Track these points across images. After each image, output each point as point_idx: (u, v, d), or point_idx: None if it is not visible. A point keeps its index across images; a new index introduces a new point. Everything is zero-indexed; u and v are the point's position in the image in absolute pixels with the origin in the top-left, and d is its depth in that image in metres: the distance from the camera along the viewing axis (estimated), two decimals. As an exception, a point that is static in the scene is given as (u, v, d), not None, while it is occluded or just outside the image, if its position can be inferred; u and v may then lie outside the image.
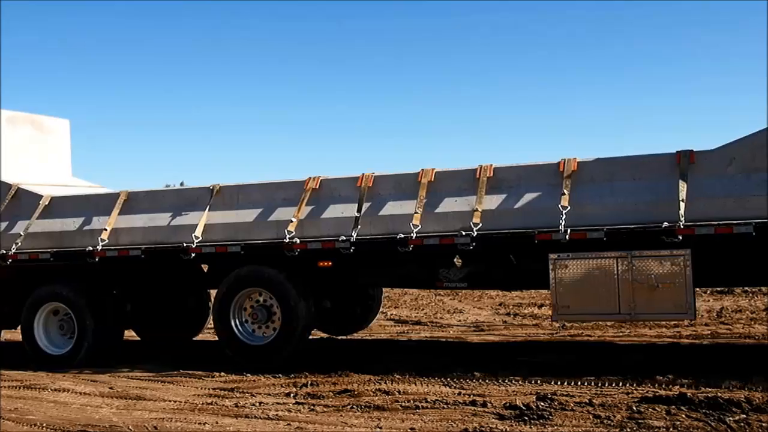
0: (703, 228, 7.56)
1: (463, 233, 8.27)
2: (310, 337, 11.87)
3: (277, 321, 9.24)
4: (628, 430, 5.88)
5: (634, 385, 7.29)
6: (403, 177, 8.97)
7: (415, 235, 8.43)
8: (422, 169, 8.83)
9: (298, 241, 8.92)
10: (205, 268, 10.41)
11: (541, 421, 6.22)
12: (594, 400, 6.70)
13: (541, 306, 14.53)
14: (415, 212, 8.52)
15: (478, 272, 8.91)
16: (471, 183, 8.59)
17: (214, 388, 8.17)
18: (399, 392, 7.42)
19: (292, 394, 7.70)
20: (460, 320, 13.50)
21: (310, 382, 8.12)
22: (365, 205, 8.87)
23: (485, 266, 8.87)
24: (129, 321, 10.66)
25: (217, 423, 6.70)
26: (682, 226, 7.53)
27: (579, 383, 7.47)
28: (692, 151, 7.92)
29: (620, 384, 7.36)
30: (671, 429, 5.82)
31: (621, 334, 11.02)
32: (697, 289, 15.50)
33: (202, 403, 7.48)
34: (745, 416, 6.05)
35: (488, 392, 7.34)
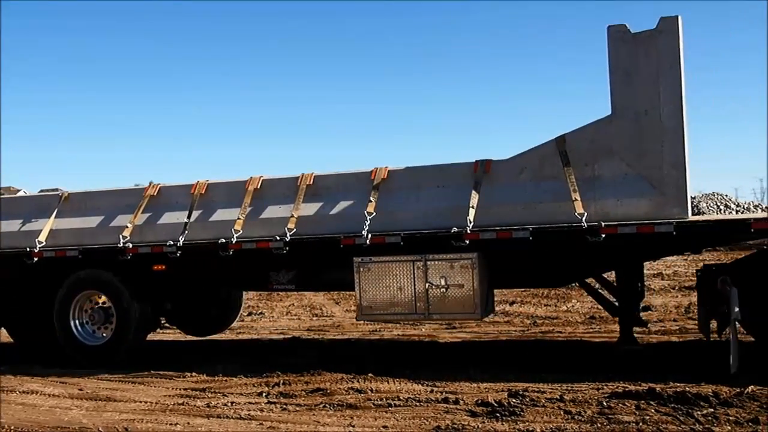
0: (487, 233, 8.01)
1: (278, 238, 8.68)
2: (283, 337, 11.86)
3: (115, 322, 9.69)
4: (599, 425, 5.94)
5: (604, 381, 7.36)
6: (233, 184, 9.46)
7: (235, 239, 8.86)
8: (251, 177, 9.31)
9: (130, 245, 9.37)
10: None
11: (512, 417, 6.26)
12: (565, 396, 6.76)
13: (512, 303, 14.61)
14: (238, 218, 9.02)
15: (303, 275, 9.36)
16: (293, 190, 9.03)
17: (185, 389, 8.12)
18: (371, 390, 7.43)
19: (264, 394, 7.67)
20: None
21: (282, 382, 8.09)
22: (198, 212, 9.39)
23: (309, 269, 9.31)
24: None
25: (188, 423, 6.66)
26: (469, 231, 7.97)
27: (550, 380, 7.52)
28: (489, 160, 8.43)
29: (590, 380, 7.42)
30: (641, 424, 5.89)
31: (591, 330, 11.12)
32: (667, 285, 15.71)
33: (174, 404, 7.43)
34: (712, 410, 6.14)
35: (460, 389, 7.37)
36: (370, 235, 8.32)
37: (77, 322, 9.92)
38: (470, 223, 8.00)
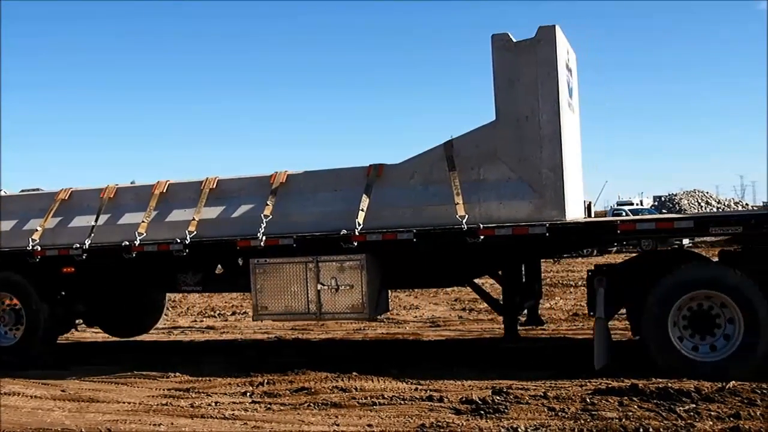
0: (373, 235, 8.19)
1: (178, 240, 8.83)
2: (267, 337, 11.84)
3: (25, 323, 10.00)
4: (582, 421, 5.97)
5: (587, 377, 7.40)
6: (141, 188, 9.68)
7: (138, 242, 8.98)
8: (158, 181, 9.47)
9: (39, 248, 9.55)
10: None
11: (497, 414, 6.28)
12: (548, 393, 6.80)
13: (496, 301, 14.64)
14: (142, 221, 9.18)
15: (209, 277, 9.57)
16: (198, 194, 9.19)
17: (169, 389, 8.08)
18: (356, 389, 7.43)
19: (248, 393, 7.65)
20: (416, 316, 13.57)
21: (266, 381, 8.07)
22: (107, 215, 9.56)
23: (213, 271, 9.53)
24: None
25: (172, 424, 6.63)
26: (357, 233, 8.16)
27: (533, 377, 7.55)
28: (382, 164, 8.64)
29: (574, 377, 7.46)
30: (624, 419, 5.93)
31: (574, 327, 11.18)
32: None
33: (157, 404, 7.39)
34: (694, 405, 6.19)
35: (444, 387, 7.39)
36: (265, 238, 8.47)
37: None
38: (359, 225, 8.17)
